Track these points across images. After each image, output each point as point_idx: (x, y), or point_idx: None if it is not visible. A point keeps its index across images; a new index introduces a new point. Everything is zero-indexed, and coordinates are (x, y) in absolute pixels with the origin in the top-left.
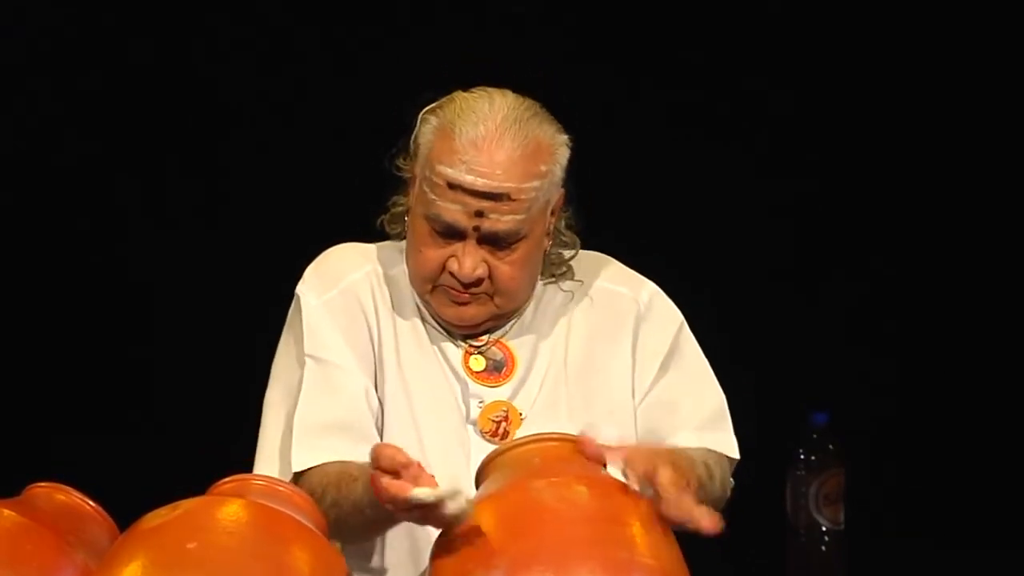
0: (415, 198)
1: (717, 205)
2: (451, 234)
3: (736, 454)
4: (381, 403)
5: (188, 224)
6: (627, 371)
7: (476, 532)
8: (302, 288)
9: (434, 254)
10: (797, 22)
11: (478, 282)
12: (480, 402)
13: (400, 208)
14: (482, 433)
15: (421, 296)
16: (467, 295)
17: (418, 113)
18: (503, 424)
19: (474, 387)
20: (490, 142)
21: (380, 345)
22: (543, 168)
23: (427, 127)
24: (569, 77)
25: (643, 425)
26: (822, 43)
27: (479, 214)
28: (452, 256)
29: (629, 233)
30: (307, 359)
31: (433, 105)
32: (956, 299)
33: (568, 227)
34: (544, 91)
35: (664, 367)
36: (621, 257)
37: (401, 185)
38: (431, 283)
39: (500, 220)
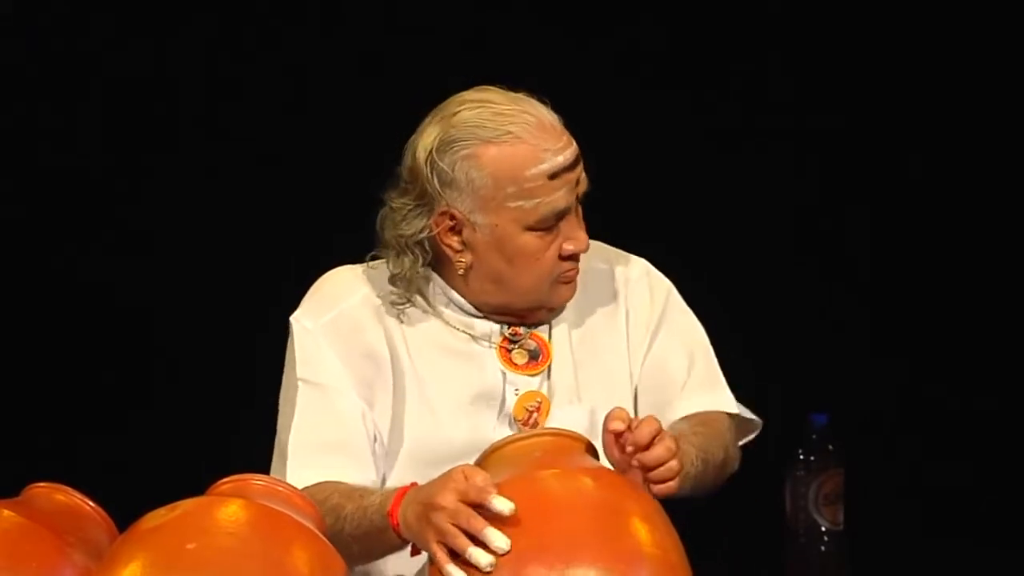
0: (490, 228)
1: (718, 207)
2: (559, 219)
3: (733, 408)
4: (403, 420)
5: (188, 223)
6: (622, 345)
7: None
8: (296, 315)
9: (550, 252)
10: (800, 20)
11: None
12: (516, 390)
13: (411, 269)
14: (514, 420)
15: (535, 303)
16: (577, 268)
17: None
18: (535, 415)
19: (512, 376)
20: (542, 121)
21: (395, 365)
22: None
23: (464, 162)
24: (568, 79)
25: (643, 394)
26: (821, 42)
27: (577, 183)
28: (565, 240)
29: (631, 234)
30: (299, 383)
31: (433, 145)
32: (955, 299)
33: None
34: (545, 93)
35: (655, 334)
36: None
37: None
38: (550, 281)
39: (583, 180)
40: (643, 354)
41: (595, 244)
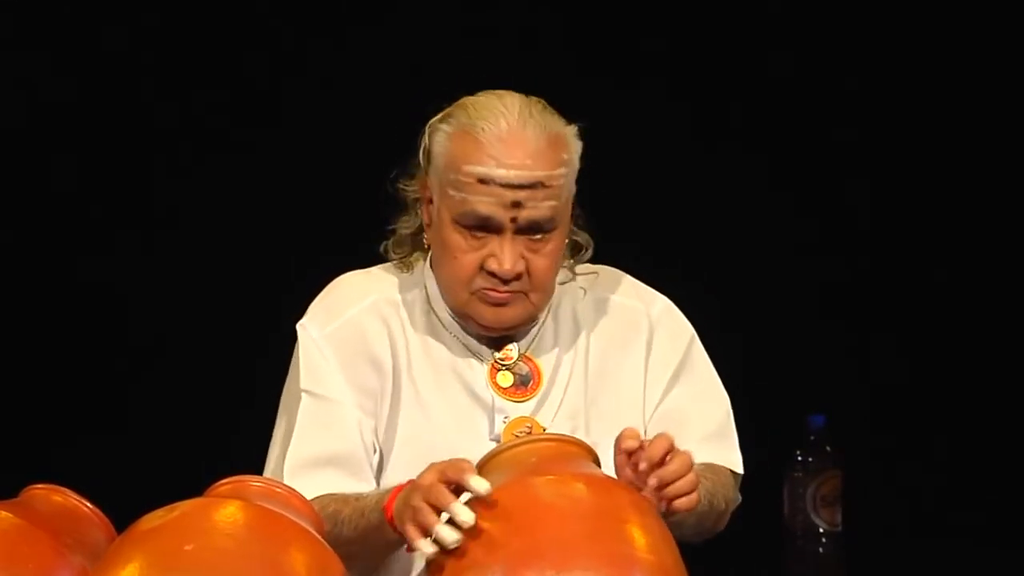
0: (437, 210)
1: (718, 211)
2: (487, 228)
3: (740, 469)
4: (397, 427)
5: (187, 225)
6: (639, 384)
7: (475, 528)
8: (303, 322)
9: (470, 257)
10: (803, 26)
11: (518, 277)
12: (505, 417)
13: (406, 229)
14: None
15: (458, 308)
16: (507, 294)
17: (422, 128)
18: None
19: (500, 402)
20: (514, 135)
21: (395, 372)
22: (565, 156)
23: (440, 135)
24: (575, 85)
25: (652, 433)
26: (820, 42)
27: (516, 205)
28: (490, 256)
29: (631, 237)
30: (303, 394)
31: (440, 115)
32: (952, 300)
33: (579, 227)
34: (552, 98)
35: (674, 380)
36: (625, 261)
37: (405, 206)
38: (468, 289)
39: (538, 207)
40: (659, 397)
41: (625, 278)
